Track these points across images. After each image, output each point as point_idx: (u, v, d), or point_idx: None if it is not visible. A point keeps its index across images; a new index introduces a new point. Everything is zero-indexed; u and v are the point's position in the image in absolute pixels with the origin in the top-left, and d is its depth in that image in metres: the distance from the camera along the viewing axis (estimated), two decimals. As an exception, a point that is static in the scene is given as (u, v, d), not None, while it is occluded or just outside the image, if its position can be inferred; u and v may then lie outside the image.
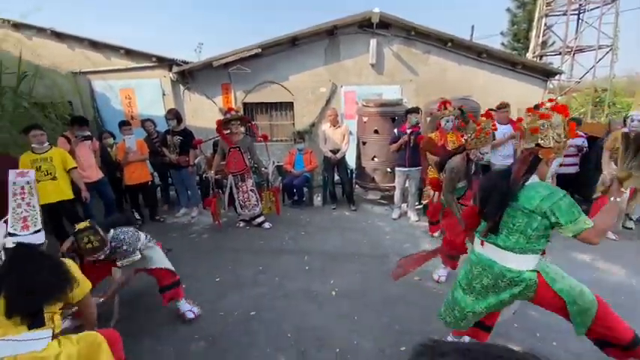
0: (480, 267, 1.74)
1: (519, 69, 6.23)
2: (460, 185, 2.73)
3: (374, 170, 5.06)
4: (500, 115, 4.41)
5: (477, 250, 1.80)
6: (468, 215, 1.85)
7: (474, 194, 1.85)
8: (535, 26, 16.20)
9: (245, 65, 6.15)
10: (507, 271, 1.64)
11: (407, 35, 6.14)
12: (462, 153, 2.64)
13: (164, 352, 2.31)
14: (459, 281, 1.88)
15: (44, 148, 3.52)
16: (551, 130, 1.62)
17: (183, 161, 4.64)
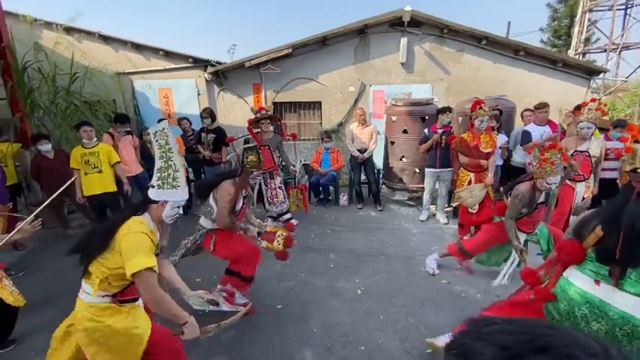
0: (587, 309, 1.46)
1: (560, 67, 5.90)
2: (523, 211, 2.65)
3: (402, 170, 5.01)
4: (538, 115, 4.22)
5: (581, 286, 1.50)
6: (570, 249, 1.53)
7: (577, 229, 1.56)
8: (578, 22, 15.21)
9: (275, 65, 6.27)
10: (631, 319, 1.37)
11: (439, 33, 6.00)
12: (529, 180, 2.56)
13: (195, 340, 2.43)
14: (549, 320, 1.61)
15: (93, 143, 3.81)
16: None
17: (216, 158, 4.84)
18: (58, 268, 3.53)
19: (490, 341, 0.44)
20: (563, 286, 1.56)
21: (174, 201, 1.73)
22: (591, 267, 1.49)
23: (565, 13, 17.31)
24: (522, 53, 5.89)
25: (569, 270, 1.58)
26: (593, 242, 1.45)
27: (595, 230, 1.44)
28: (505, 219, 2.69)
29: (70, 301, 2.98)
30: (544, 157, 2.42)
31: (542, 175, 2.43)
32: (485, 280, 3.10)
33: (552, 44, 17.78)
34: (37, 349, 2.37)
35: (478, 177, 3.77)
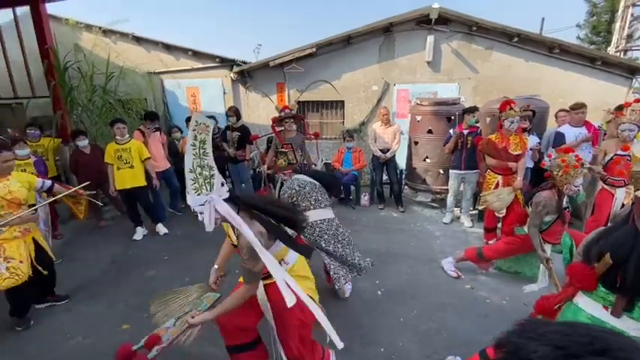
0: None
1: (598, 65, 5.57)
2: (547, 219, 2.58)
3: (425, 171, 4.91)
4: (574, 116, 4.00)
5: (592, 312, 1.46)
6: (582, 277, 1.46)
7: (587, 249, 1.47)
8: (619, 17, 14.26)
9: (299, 64, 6.32)
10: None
11: (468, 31, 5.82)
12: (550, 188, 2.52)
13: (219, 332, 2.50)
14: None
15: (125, 140, 3.99)
16: None
17: (240, 155, 4.94)
18: (92, 257, 3.75)
19: (544, 341, 0.44)
20: (573, 311, 1.50)
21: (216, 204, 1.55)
22: (600, 293, 1.42)
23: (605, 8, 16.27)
24: (557, 51, 5.60)
25: (579, 296, 1.51)
26: (603, 269, 1.37)
27: (605, 257, 1.36)
28: (528, 227, 2.61)
29: (102, 286, 3.16)
30: (565, 162, 2.39)
31: (568, 180, 2.40)
32: (511, 287, 2.99)
33: (590, 41, 16.77)
34: (65, 330, 2.53)
35: (506, 180, 3.62)
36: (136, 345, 1.66)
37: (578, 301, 1.50)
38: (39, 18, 4.92)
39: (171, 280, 3.21)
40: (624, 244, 1.31)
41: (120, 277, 3.32)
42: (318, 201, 2.60)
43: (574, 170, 2.37)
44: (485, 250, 3.00)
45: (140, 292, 3.02)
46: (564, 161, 2.41)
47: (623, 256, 1.29)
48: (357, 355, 2.24)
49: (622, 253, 1.30)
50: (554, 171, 2.47)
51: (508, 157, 3.55)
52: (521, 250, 2.83)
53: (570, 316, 1.49)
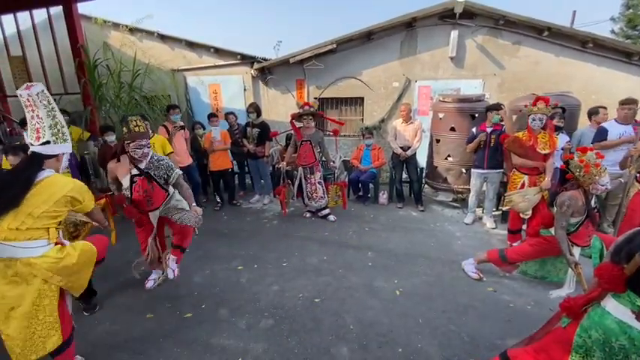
0: (626, 341, 1.36)
1: (635, 60, 5.23)
2: (574, 221, 2.49)
3: (447, 170, 4.79)
4: (620, 112, 3.73)
5: (619, 317, 1.40)
6: (611, 278, 1.39)
7: (617, 249, 1.40)
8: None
9: (319, 61, 6.29)
10: None
11: (494, 25, 5.61)
12: (576, 188, 2.45)
13: (237, 324, 2.55)
14: (585, 352, 1.47)
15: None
16: None
17: (259, 152, 4.99)
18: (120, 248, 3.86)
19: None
20: (600, 314, 1.43)
21: (68, 152, 2.01)
22: (629, 297, 1.34)
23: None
24: (590, 45, 5.31)
25: (607, 299, 1.44)
26: (633, 270, 1.28)
27: (635, 258, 1.27)
28: (555, 230, 2.51)
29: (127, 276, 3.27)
30: (584, 163, 2.34)
31: (592, 179, 2.35)
32: (536, 291, 2.89)
33: (625, 35, 15.79)
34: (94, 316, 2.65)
35: (532, 180, 3.49)
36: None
37: (606, 305, 1.44)
38: (71, 17, 5.14)
39: (191, 272, 3.30)
40: None
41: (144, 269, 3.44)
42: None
43: (595, 169, 2.32)
44: (508, 252, 2.91)
45: (163, 284, 3.12)
46: (583, 161, 2.35)
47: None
48: (374, 354, 2.23)
49: None
50: (576, 172, 2.41)
51: (535, 156, 3.41)
52: (547, 253, 2.72)
53: (597, 320, 1.43)
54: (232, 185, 5.39)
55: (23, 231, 1.72)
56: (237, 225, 4.54)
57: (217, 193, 5.19)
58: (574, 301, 1.57)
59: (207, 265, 3.42)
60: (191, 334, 2.46)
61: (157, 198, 2.75)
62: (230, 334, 2.45)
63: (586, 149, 2.41)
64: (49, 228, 1.81)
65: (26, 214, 1.73)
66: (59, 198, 1.82)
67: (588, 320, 1.47)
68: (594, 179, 2.35)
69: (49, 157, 1.89)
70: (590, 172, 2.34)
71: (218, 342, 2.37)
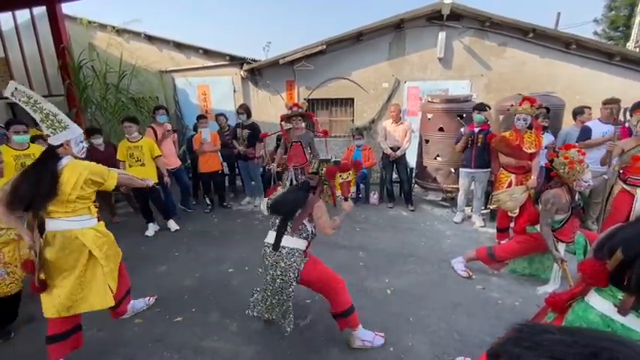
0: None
1: (617, 61, 5.39)
2: (558, 218, 2.55)
3: (436, 170, 4.85)
4: (604, 111, 3.84)
5: (602, 310, 1.43)
6: (593, 273, 1.42)
7: (600, 245, 1.43)
8: (639, 12, 13.79)
9: (309, 62, 6.30)
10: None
11: (480, 26, 5.71)
12: (560, 186, 2.52)
13: (229, 327, 2.53)
14: None
15: (136, 138, 4.05)
16: None
17: (250, 153, 4.97)
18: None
19: (544, 352, 0.40)
20: (584, 309, 1.47)
21: (74, 137, 2.07)
22: (611, 291, 1.38)
23: (625, 2, 15.75)
24: (574, 46, 5.45)
25: (590, 293, 1.47)
26: (615, 265, 1.32)
27: (616, 253, 1.31)
28: (541, 227, 2.57)
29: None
30: (568, 159, 2.41)
31: (576, 176, 2.42)
32: (523, 288, 2.94)
33: (608, 37, 16.27)
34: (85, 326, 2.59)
35: (519, 179, 3.55)
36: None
37: (590, 299, 1.47)
38: (55, 18, 5.03)
39: (182, 275, 3.26)
40: (636, 241, 1.27)
41: (132, 273, 3.33)
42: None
43: (579, 166, 2.38)
44: (496, 250, 2.95)
45: (152, 288, 3.08)
46: (567, 158, 2.41)
47: (634, 252, 1.26)
48: (365, 354, 2.24)
49: (633, 250, 1.26)
50: (560, 169, 2.47)
51: (522, 156, 3.48)
52: (534, 250, 2.78)
53: (581, 314, 1.47)
54: (222, 187, 5.35)
55: (69, 211, 1.99)
56: (227, 227, 4.50)
57: (207, 196, 5.14)
58: (559, 296, 1.61)
59: (198, 268, 3.38)
60: (181, 338, 2.43)
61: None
62: (221, 337, 2.43)
63: (570, 146, 2.48)
64: (89, 206, 2.09)
65: (66, 200, 1.95)
66: (83, 181, 1.99)
67: (573, 315, 1.50)
68: (578, 176, 2.41)
69: (58, 147, 2.02)
70: (574, 168, 2.40)
71: (209, 345, 2.35)
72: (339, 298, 2.21)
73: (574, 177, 2.42)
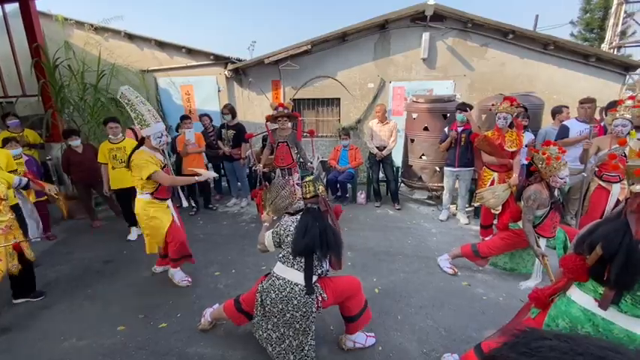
0: (591, 327, 1.41)
1: (592, 62, 5.60)
2: (539, 213, 2.63)
3: (422, 169, 4.91)
4: (580, 110, 3.95)
5: (584, 305, 1.45)
6: (574, 268, 1.45)
7: (580, 241, 1.48)
8: (613, 14, 14.36)
9: (294, 62, 6.27)
10: (637, 338, 1.33)
11: (462, 27, 5.81)
12: (540, 181, 2.59)
13: (215, 331, 2.48)
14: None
15: (119, 139, 3.94)
16: None
17: (235, 154, 4.90)
18: (87, 257, 3.69)
19: (539, 358, 0.40)
20: (566, 303, 1.50)
21: (153, 133, 2.70)
22: (591, 285, 1.43)
23: (599, 5, 16.39)
24: (552, 47, 5.62)
25: (572, 288, 1.52)
26: (594, 260, 1.37)
27: (596, 249, 1.36)
28: (523, 223, 2.64)
29: (97, 287, 3.12)
30: (546, 155, 2.49)
31: (552, 172, 2.48)
32: (507, 283, 3.01)
33: (584, 38, 16.89)
34: (59, 331, 2.49)
35: (501, 177, 3.64)
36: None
37: (571, 294, 1.51)
38: (28, 15, 4.82)
39: (166, 280, 3.18)
40: (615, 237, 1.32)
41: (115, 278, 3.28)
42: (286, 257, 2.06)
43: (556, 162, 2.45)
44: (480, 246, 3.01)
45: (135, 293, 3.00)
46: (545, 153, 2.49)
47: (613, 248, 1.30)
48: (354, 354, 2.24)
49: (612, 246, 1.31)
50: (539, 164, 2.54)
51: (504, 154, 3.56)
52: (516, 246, 2.85)
53: (563, 308, 1.50)
54: (208, 189, 5.26)
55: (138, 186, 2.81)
56: (213, 229, 4.43)
57: (192, 197, 5.04)
58: (541, 291, 1.65)
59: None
60: (166, 344, 2.37)
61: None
62: (207, 342, 2.38)
63: (549, 143, 2.56)
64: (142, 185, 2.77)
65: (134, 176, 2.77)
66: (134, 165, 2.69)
67: (555, 309, 1.54)
68: (554, 172, 2.48)
69: (144, 139, 2.75)
70: (551, 164, 2.47)
71: (195, 351, 2.30)
72: (358, 299, 2.16)
73: (551, 173, 2.50)
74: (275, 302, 1.97)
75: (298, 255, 1.97)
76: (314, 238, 1.92)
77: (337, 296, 2.08)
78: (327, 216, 2.06)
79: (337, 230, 2.07)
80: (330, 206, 2.11)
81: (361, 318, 2.18)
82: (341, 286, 2.10)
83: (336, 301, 2.10)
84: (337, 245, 2.01)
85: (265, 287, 2.04)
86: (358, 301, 2.15)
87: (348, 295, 2.11)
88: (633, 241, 1.28)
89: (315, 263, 1.98)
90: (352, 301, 2.13)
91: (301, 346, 1.99)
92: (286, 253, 2.04)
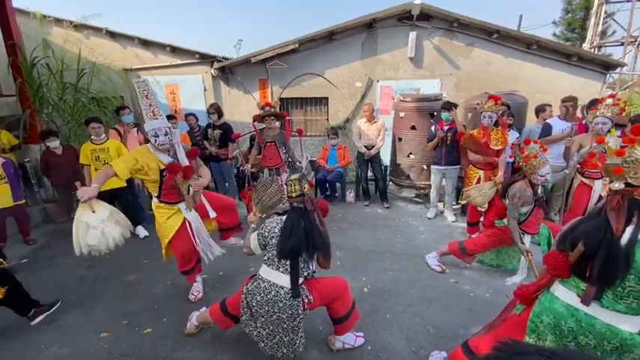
0: (574, 323, 1.42)
1: (574, 61, 5.73)
2: (524, 210, 2.67)
3: (409, 167, 4.94)
4: (562, 109, 4.04)
5: (567, 300, 1.46)
6: (557, 265, 1.46)
7: (562, 238, 1.48)
8: (594, 14, 14.78)
9: (282, 61, 6.22)
10: (619, 332, 1.33)
11: (449, 27, 5.87)
12: (523, 179, 2.63)
13: (203, 335, 2.44)
14: (537, 337, 1.53)
15: (102, 140, 3.83)
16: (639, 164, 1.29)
17: (222, 154, 4.83)
18: (69, 262, 3.58)
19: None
20: (549, 300, 1.52)
21: (148, 130, 2.43)
22: (574, 281, 1.45)
23: (580, 6, 16.83)
24: (535, 47, 5.73)
25: (555, 285, 1.54)
26: (577, 257, 1.39)
27: (578, 245, 1.38)
28: (508, 220, 2.69)
29: (79, 293, 3.02)
30: (525, 154, 2.54)
31: (532, 170, 2.53)
32: (493, 279, 3.05)
33: (565, 38, 17.33)
34: (39, 340, 2.41)
35: (487, 175, 3.69)
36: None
37: (555, 290, 1.53)
38: (4, 12, 4.65)
39: (152, 284, 3.11)
40: (596, 234, 1.33)
41: (98, 283, 3.20)
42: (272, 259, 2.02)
43: (535, 160, 2.50)
44: (467, 243, 3.05)
45: (119, 298, 2.92)
46: (524, 152, 2.55)
47: (594, 245, 1.32)
48: (343, 355, 2.23)
49: (593, 243, 1.32)
50: (520, 162, 2.60)
51: (489, 152, 3.60)
52: (502, 243, 2.89)
53: (547, 304, 1.52)
54: (195, 190, 5.16)
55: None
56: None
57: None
58: (526, 288, 1.67)
59: (169, 276, 3.23)
60: (152, 350, 2.31)
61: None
62: (194, 347, 2.34)
63: (528, 141, 2.60)
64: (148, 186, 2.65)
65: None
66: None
67: (539, 306, 1.56)
68: (534, 170, 2.53)
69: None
70: (530, 162, 2.52)
71: (182, 356, 2.25)
72: (345, 300, 2.14)
73: (531, 171, 2.54)
74: (261, 304, 1.95)
75: (284, 258, 1.94)
76: (299, 239, 1.88)
77: (324, 298, 2.07)
78: (313, 215, 2.03)
79: (324, 229, 2.03)
80: (316, 205, 2.08)
81: (349, 320, 2.17)
82: (327, 288, 2.08)
83: (323, 302, 2.09)
84: (324, 245, 1.97)
85: (250, 289, 2.01)
86: (345, 302, 2.14)
87: (335, 296, 2.10)
88: (614, 238, 1.30)
89: (301, 265, 1.95)
90: (339, 303, 2.12)
91: (293, 342, 1.99)
92: (271, 255, 2.01)
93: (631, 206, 1.31)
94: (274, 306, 1.93)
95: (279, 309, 1.92)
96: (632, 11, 13.81)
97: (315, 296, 2.01)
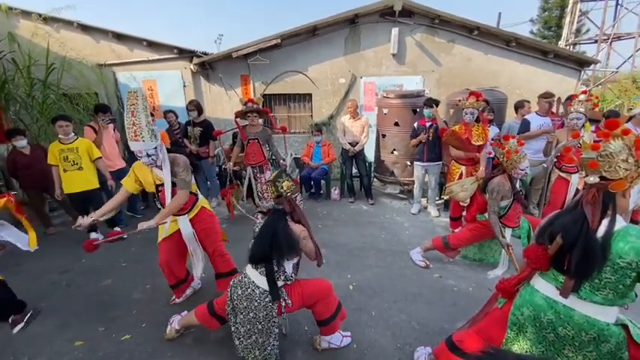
0: (553, 315, 1.45)
1: (551, 58, 5.88)
2: (503, 204, 2.72)
3: (393, 164, 4.96)
4: (541, 104, 4.13)
5: (546, 293, 1.49)
6: (536, 258, 1.48)
7: (541, 231, 1.50)
8: (569, 12, 15.26)
9: (264, 56, 6.11)
10: (596, 323, 1.37)
11: (430, 23, 5.91)
12: (502, 174, 2.68)
13: (184, 340, 2.36)
14: (518, 329, 1.56)
15: (70, 139, 3.64)
16: (614, 158, 1.29)
17: (203, 152, 4.70)
18: (40, 267, 3.40)
19: None
20: (530, 293, 1.54)
21: (137, 150, 2.23)
22: (553, 274, 1.47)
23: (556, 4, 17.38)
24: (514, 44, 5.84)
25: (535, 278, 1.56)
26: (555, 250, 1.42)
27: (556, 239, 1.40)
28: (489, 215, 2.74)
29: (52, 299, 2.87)
30: (505, 149, 2.59)
31: (513, 165, 2.60)
32: (475, 273, 3.09)
33: (542, 35, 17.87)
34: (8, 351, 2.27)
35: (469, 170, 3.73)
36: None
37: (535, 283, 1.55)
38: (-38, 2, 4.33)
39: (129, 288, 2.99)
40: (573, 228, 1.35)
41: (72, 289, 3.05)
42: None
43: (516, 155, 2.56)
44: (450, 238, 3.08)
45: (95, 304, 2.79)
46: (504, 147, 2.60)
47: (572, 238, 1.34)
48: (328, 355, 2.20)
49: (571, 236, 1.35)
50: (500, 158, 2.65)
51: (471, 148, 3.65)
52: (484, 237, 2.94)
53: (527, 297, 1.54)
54: (175, 189, 5.01)
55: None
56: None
57: (158, 199, 4.78)
58: (507, 282, 1.68)
59: (148, 279, 3.12)
60: (130, 357, 2.22)
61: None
62: (175, 352, 2.26)
63: (508, 137, 2.66)
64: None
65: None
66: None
67: (520, 299, 1.58)
68: (515, 164, 2.59)
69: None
70: (511, 157, 2.58)
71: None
72: (328, 302, 2.09)
73: (512, 165, 2.60)
74: (241, 298, 1.94)
75: (252, 263, 1.94)
76: (263, 245, 1.85)
77: (305, 300, 2.03)
78: (292, 217, 1.98)
79: (291, 232, 1.89)
80: (296, 206, 2.03)
81: (334, 321, 2.13)
82: (308, 290, 2.04)
83: (304, 304, 2.05)
84: (290, 249, 1.87)
85: (235, 283, 2.02)
86: (329, 304, 2.10)
87: (317, 298, 2.06)
88: (590, 231, 1.32)
89: (275, 269, 1.90)
90: (322, 305, 2.08)
91: (264, 346, 1.97)
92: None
93: (606, 199, 1.33)
94: (251, 302, 1.91)
95: (255, 307, 1.91)
96: (605, 10, 14.36)
97: (295, 299, 1.98)
